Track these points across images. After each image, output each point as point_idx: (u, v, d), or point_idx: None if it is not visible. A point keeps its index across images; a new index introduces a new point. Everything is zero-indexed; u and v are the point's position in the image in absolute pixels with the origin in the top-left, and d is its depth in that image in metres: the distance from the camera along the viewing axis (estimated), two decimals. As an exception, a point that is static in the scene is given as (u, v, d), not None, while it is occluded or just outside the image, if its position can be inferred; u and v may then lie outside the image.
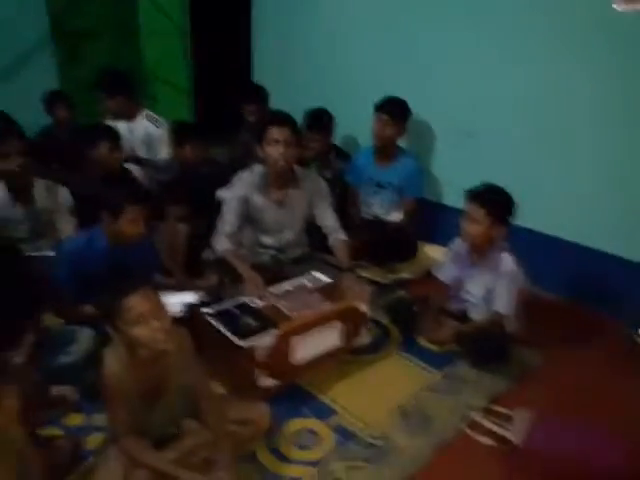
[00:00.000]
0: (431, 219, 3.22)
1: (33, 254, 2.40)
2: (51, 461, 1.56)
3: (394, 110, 3.00)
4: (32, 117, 3.67)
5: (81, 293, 2.11)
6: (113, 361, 1.50)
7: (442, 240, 2.72)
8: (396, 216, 3.16)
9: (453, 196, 3.11)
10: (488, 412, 1.95)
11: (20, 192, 2.50)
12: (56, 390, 1.94)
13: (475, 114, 2.99)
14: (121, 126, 3.32)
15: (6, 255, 1.91)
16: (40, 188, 2.57)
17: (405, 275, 2.96)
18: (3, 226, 2.45)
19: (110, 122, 3.34)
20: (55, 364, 1.99)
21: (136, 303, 1.43)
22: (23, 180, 2.49)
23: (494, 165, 2.84)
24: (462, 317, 2.39)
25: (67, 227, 2.61)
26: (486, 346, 2.20)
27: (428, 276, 2.74)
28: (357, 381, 2.15)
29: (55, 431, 1.82)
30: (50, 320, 2.17)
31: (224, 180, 2.85)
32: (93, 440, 1.77)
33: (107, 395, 1.51)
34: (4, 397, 1.19)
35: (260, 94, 3.72)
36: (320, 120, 3.30)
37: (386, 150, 3.10)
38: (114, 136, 2.97)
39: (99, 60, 4.52)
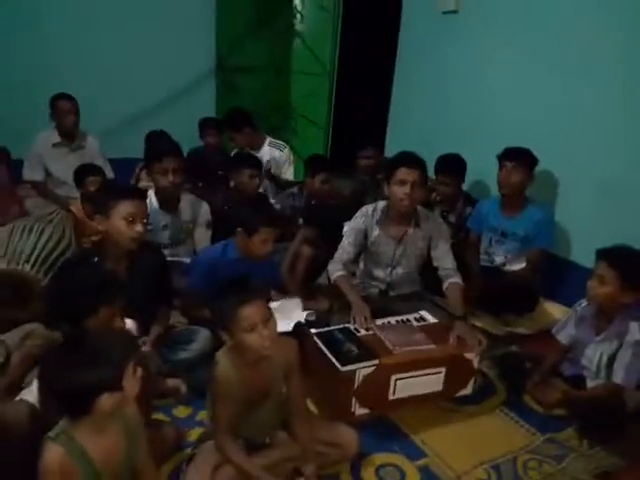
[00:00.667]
0: (556, 275, 3.05)
1: (170, 259, 2.69)
2: (157, 445, 1.71)
3: (518, 157, 2.93)
4: (188, 139, 4.16)
5: (207, 298, 2.32)
6: (226, 364, 1.62)
7: (566, 299, 2.58)
8: (517, 267, 3.03)
9: (584, 254, 2.92)
10: (594, 488, 1.79)
11: (169, 203, 2.83)
12: (171, 382, 2.14)
13: (615, 166, 2.81)
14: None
15: (154, 250, 2.20)
16: (186, 202, 2.89)
17: (521, 330, 2.83)
18: (149, 230, 2.78)
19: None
20: (174, 358, 2.20)
21: (250, 313, 1.55)
22: (174, 194, 2.81)
23: (633, 224, 2.64)
24: (577, 383, 2.22)
25: (203, 238, 2.90)
26: (601, 419, 2.03)
27: (545, 334, 2.59)
28: (453, 429, 2.09)
29: (163, 418, 2.00)
30: (176, 318, 2.41)
31: (349, 213, 2.98)
32: (195, 433, 1.92)
33: (216, 395, 1.63)
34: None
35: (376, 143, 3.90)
36: (452, 165, 3.32)
37: (513, 199, 3.01)
38: (256, 165, 3.28)
39: (253, 93, 5.00)
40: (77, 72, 4.23)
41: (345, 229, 2.78)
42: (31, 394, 1.59)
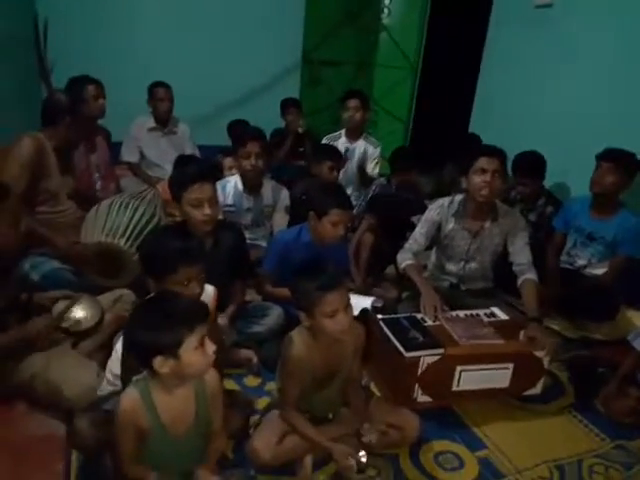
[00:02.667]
0: (642, 283, 2.89)
1: (249, 240, 2.82)
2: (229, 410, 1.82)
3: (618, 158, 2.79)
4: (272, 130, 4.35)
5: (281, 277, 2.43)
6: (300, 344, 1.69)
7: (651, 309, 2.45)
8: (599, 271, 2.91)
9: (674, 263, 2.76)
10: (663, 500, 1.72)
11: (252, 187, 2.97)
12: (244, 353, 2.27)
13: None
14: (342, 142, 3.83)
15: (236, 230, 2.35)
16: (267, 187, 3.03)
17: (597, 336, 2.72)
18: (233, 212, 2.94)
19: (335, 141, 3.85)
20: (248, 330, 2.33)
21: (334, 299, 1.61)
22: (257, 178, 2.95)
23: None
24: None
25: (281, 222, 3.02)
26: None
27: (622, 343, 2.47)
28: (517, 425, 2.07)
29: (234, 386, 2.13)
30: (250, 295, 2.54)
31: (420, 208, 3.01)
32: (263, 402, 2.03)
33: (287, 372, 1.70)
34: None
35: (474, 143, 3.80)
36: (530, 165, 3.23)
37: (604, 201, 2.87)
38: (337, 158, 3.37)
39: (336, 86, 5.09)
40: (174, 64, 4.50)
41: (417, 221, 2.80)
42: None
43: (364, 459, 1.63)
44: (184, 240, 1.77)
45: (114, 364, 1.68)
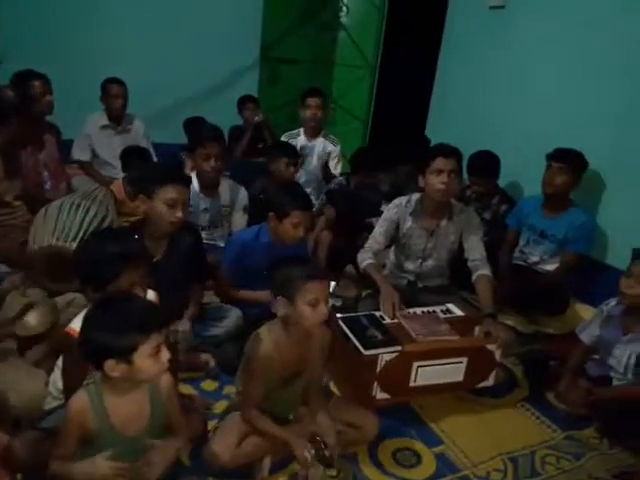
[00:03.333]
0: (591, 278, 3.00)
1: (206, 241, 2.78)
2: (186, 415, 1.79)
3: (567, 159, 2.89)
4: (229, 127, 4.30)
5: (239, 279, 2.41)
6: (270, 341, 1.68)
7: (599, 302, 2.53)
8: (551, 267, 3.01)
9: (620, 257, 2.86)
10: (611, 487, 1.79)
11: (209, 187, 2.92)
12: (203, 356, 2.24)
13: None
14: (301, 140, 3.83)
15: (192, 231, 2.31)
16: (225, 186, 2.98)
17: (549, 330, 2.81)
18: (189, 213, 2.87)
19: (294, 138, 3.83)
20: (205, 333, 2.29)
21: (318, 288, 1.62)
22: (215, 179, 2.90)
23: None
24: (603, 384, 2.19)
25: (239, 222, 2.98)
26: (627, 422, 2.01)
27: (573, 336, 2.56)
28: (472, 420, 2.12)
29: (191, 391, 2.10)
30: (208, 297, 2.50)
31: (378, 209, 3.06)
32: (220, 406, 2.00)
33: (252, 370, 1.68)
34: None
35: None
36: (484, 164, 3.30)
37: (556, 200, 2.97)
38: (293, 154, 3.35)
39: (294, 84, 5.06)
40: (127, 59, 4.37)
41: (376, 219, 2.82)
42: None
43: (327, 453, 1.65)
44: (124, 242, 1.70)
45: (58, 377, 1.62)
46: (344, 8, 5.35)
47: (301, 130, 3.90)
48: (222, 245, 2.91)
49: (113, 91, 3.64)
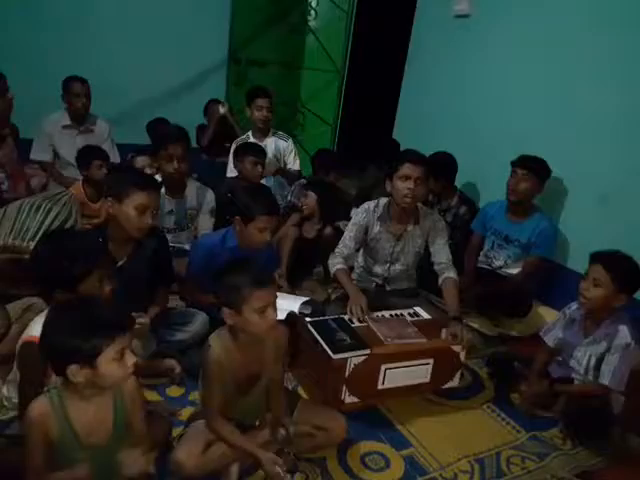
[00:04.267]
0: (552, 281, 3.08)
1: (172, 244, 2.73)
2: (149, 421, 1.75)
3: (532, 166, 2.94)
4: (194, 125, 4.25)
5: (204, 283, 2.36)
6: (219, 346, 1.65)
7: (561, 304, 2.59)
8: (514, 271, 3.07)
9: (580, 261, 2.94)
10: (573, 486, 1.83)
11: (175, 189, 2.87)
12: (167, 362, 2.18)
13: (617, 176, 2.84)
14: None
15: (157, 234, 2.25)
16: (192, 188, 2.93)
17: (513, 332, 2.87)
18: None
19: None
20: (170, 338, 2.25)
21: (265, 295, 1.59)
22: (180, 180, 2.85)
23: (630, 233, 2.67)
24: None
25: (206, 225, 2.94)
26: (587, 420, 2.06)
27: (536, 337, 2.61)
28: (440, 422, 2.13)
29: (156, 397, 2.05)
30: (174, 302, 2.45)
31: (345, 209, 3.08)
32: (187, 412, 1.96)
33: (208, 376, 1.66)
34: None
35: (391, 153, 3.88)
36: (439, 163, 3.33)
37: (520, 206, 3.03)
38: (259, 153, 3.32)
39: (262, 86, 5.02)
40: (91, 57, 4.27)
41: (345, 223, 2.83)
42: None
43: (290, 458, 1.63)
44: (91, 240, 1.67)
45: (11, 389, 1.56)
46: (312, 12, 5.36)
47: (249, 133, 3.88)
48: (188, 248, 2.86)
49: (75, 90, 3.53)
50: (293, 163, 3.90)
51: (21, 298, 2.14)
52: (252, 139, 3.83)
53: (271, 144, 3.88)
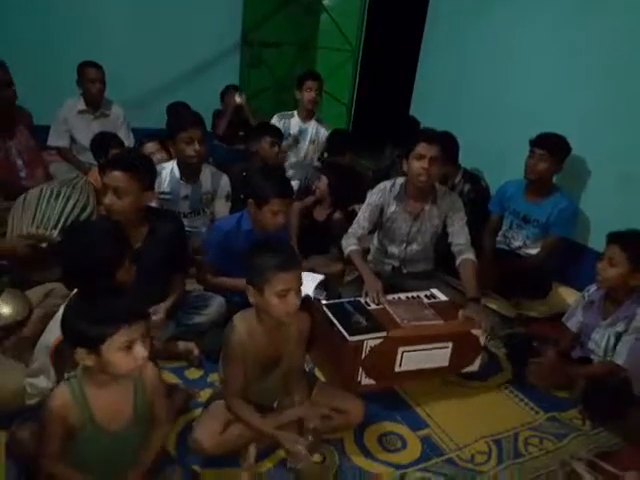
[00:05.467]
0: (573, 261, 3.03)
1: (188, 228, 2.74)
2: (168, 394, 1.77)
3: (551, 145, 2.87)
4: (210, 112, 4.24)
5: (222, 267, 2.38)
6: (242, 328, 1.67)
7: (582, 284, 2.57)
8: (534, 251, 3.02)
9: (601, 241, 2.89)
10: (593, 466, 1.81)
11: (190, 174, 2.86)
12: (183, 345, 2.21)
13: (638, 157, 2.77)
14: (295, 122, 3.90)
15: (173, 220, 2.27)
16: (206, 173, 2.92)
17: (532, 313, 2.84)
18: (168, 200, 2.83)
19: (287, 119, 3.88)
20: (188, 322, 2.26)
21: (288, 279, 1.59)
22: (198, 164, 2.85)
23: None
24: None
25: (222, 210, 2.93)
26: (608, 402, 2.04)
27: (556, 319, 2.59)
28: (457, 403, 2.13)
29: (175, 380, 2.08)
30: (191, 285, 2.47)
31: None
32: (205, 394, 1.99)
33: (229, 358, 1.68)
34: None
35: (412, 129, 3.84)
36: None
37: (538, 185, 2.97)
38: (276, 133, 3.32)
39: (277, 68, 5.00)
40: (105, 42, 4.27)
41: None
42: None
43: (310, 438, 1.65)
44: (120, 233, 1.71)
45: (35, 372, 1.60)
46: (326, -10, 5.27)
47: (295, 112, 3.93)
48: (204, 232, 2.87)
49: (90, 75, 3.54)
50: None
51: (42, 283, 2.18)
52: (297, 118, 3.91)
53: (312, 128, 3.93)
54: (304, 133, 3.91)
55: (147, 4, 4.52)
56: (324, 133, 3.92)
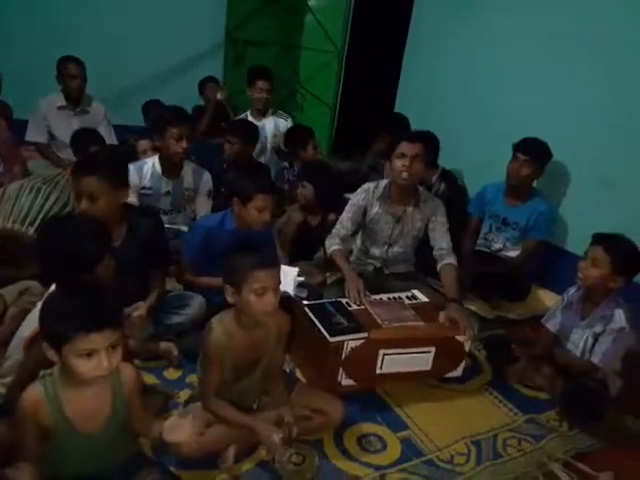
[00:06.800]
0: (551, 263, 3.07)
1: (168, 226, 2.71)
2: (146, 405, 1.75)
3: (534, 151, 2.91)
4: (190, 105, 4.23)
5: (203, 265, 2.34)
6: (220, 330, 1.65)
7: (560, 287, 2.61)
8: (513, 253, 3.06)
9: (580, 244, 2.93)
10: (568, 466, 1.83)
11: (172, 170, 2.83)
12: (163, 345, 2.18)
13: (618, 161, 2.82)
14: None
15: (152, 216, 2.24)
16: (188, 170, 2.90)
17: (511, 315, 2.86)
18: (150, 195, 2.80)
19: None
20: (167, 322, 2.24)
21: (265, 277, 1.58)
22: (181, 160, 2.82)
23: (631, 217, 2.65)
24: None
25: (203, 208, 2.92)
26: (585, 404, 2.07)
27: (534, 320, 2.62)
28: (437, 405, 2.14)
29: (154, 380, 2.05)
30: (171, 284, 2.44)
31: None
32: (184, 395, 1.96)
33: (206, 359, 1.66)
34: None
35: (399, 125, 3.81)
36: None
37: (519, 189, 3.01)
38: (244, 133, 3.34)
39: (260, 67, 4.94)
40: (87, 37, 4.18)
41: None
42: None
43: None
44: (88, 225, 1.70)
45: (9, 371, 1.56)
46: (310, -10, 5.26)
47: (247, 113, 3.95)
48: (185, 230, 2.84)
49: (70, 70, 3.48)
50: None
51: (16, 281, 2.13)
52: (250, 118, 3.87)
53: (270, 123, 3.93)
54: (262, 130, 3.83)
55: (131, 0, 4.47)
56: (284, 124, 3.94)
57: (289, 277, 2.37)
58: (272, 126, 3.91)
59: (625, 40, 2.78)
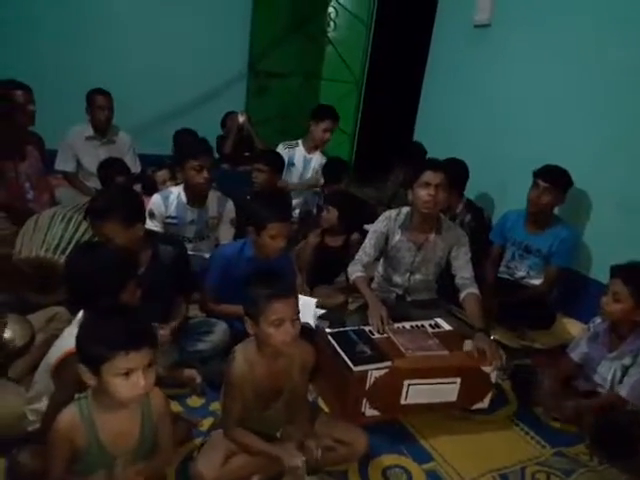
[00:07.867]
0: (576, 292, 3.02)
1: (192, 253, 2.75)
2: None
3: (554, 178, 2.89)
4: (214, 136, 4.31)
5: (223, 293, 2.37)
6: (242, 359, 1.65)
7: (584, 316, 2.56)
8: (537, 281, 3.02)
9: (604, 271, 2.88)
10: (601, 503, 1.78)
11: (197, 199, 2.89)
12: (187, 372, 2.19)
13: (638, 186, 2.80)
14: (300, 151, 3.93)
15: (176, 243, 2.28)
16: (213, 198, 2.95)
17: (536, 345, 2.81)
18: (175, 224, 2.85)
19: (292, 148, 3.92)
20: (191, 348, 2.25)
21: (281, 308, 1.58)
22: (205, 190, 2.87)
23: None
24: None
25: (226, 235, 2.95)
26: (616, 438, 2.01)
27: (560, 350, 2.57)
28: (463, 437, 2.09)
29: (177, 407, 2.05)
30: (194, 311, 2.46)
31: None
32: (206, 423, 1.96)
33: (229, 387, 1.66)
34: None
35: (418, 155, 3.86)
36: (453, 174, 3.23)
37: (540, 217, 2.98)
38: (273, 162, 3.40)
39: (282, 98, 5.08)
40: (114, 69, 4.36)
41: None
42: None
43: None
44: (115, 252, 1.74)
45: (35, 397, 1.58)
46: (331, 23, 5.39)
47: (300, 142, 3.96)
48: (208, 256, 2.87)
49: (99, 102, 3.60)
50: None
51: (42, 306, 2.17)
52: (301, 147, 3.94)
53: (317, 159, 3.95)
54: (308, 163, 3.92)
55: (156, 34, 4.64)
56: (324, 159, 3.97)
57: (309, 308, 2.37)
58: (319, 162, 3.93)
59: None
